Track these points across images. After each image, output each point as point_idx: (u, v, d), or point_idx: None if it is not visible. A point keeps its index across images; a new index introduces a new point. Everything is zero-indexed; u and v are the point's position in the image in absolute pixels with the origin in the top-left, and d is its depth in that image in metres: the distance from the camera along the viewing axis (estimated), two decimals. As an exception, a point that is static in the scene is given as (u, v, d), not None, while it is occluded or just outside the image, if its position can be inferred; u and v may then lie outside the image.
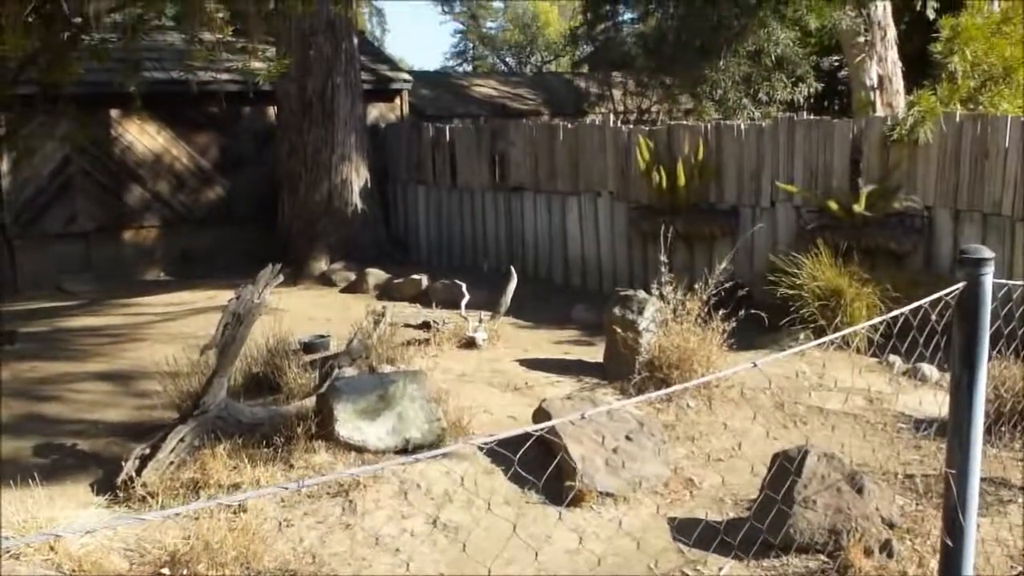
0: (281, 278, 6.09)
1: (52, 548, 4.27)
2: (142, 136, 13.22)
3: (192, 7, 7.04)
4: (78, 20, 8.27)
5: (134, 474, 5.32)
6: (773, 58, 14.36)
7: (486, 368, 7.61)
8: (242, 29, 8.44)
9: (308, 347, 7.76)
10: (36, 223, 12.66)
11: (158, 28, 10.76)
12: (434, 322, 8.56)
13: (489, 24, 34.34)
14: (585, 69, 20.08)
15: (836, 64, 16.84)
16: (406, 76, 15.30)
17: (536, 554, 4.69)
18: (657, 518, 5.24)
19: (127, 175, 13.25)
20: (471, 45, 34.34)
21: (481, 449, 5.76)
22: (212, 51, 7.82)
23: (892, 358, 7.32)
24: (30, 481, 4.84)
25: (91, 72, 9.53)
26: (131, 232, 13.43)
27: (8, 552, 4.19)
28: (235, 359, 5.95)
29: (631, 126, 11.43)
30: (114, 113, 12.85)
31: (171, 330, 9.37)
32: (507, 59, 33.76)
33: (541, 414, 5.93)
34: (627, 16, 18.64)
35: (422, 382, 5.99)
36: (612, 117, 13.33)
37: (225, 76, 12.97)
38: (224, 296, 10.62)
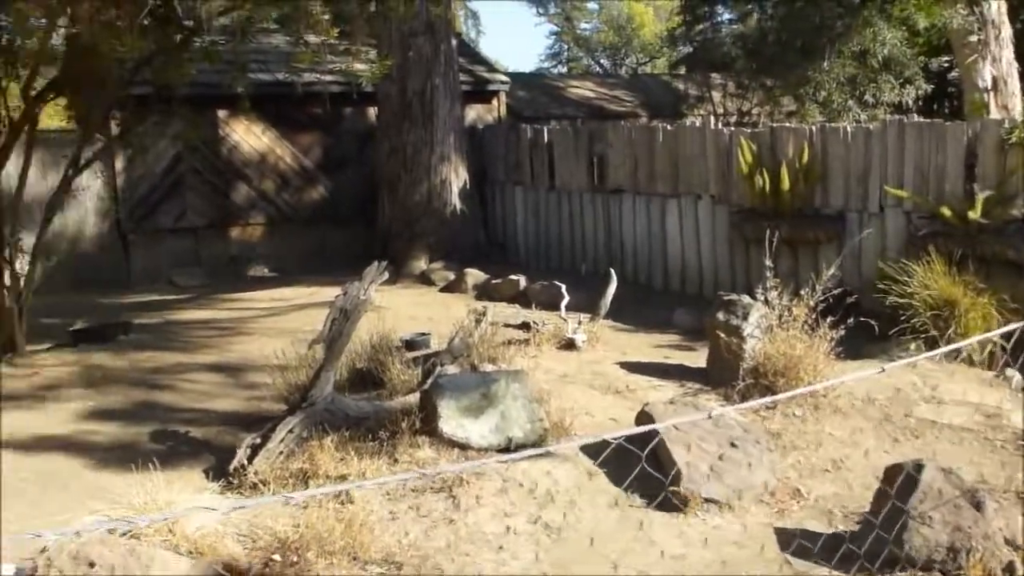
0: (386, 275, 6.20)
1: (171, 530, 4.42)
2: (248, 136, 13.59)
3: (299, 10, 7.19)
4: (190, 23, 8.55)
5: (245, 462, 5.47)
6: (880, 59, 13.98)
7: (586, 370, 7.59)
8: (346, 31, 8.59)
9: (410, 344, 7.86)
10: (149, 219, 13.14)
11: (264, 31, 11.03)
12: (533, 323, 8.58)
13: (584, 26, 34.32)
14: (683, 71, 19.87)
15: (946, 65, 16.31)
16: (503, 77, 15.38)
17: (641, 558, 4.66)
18: (763, 527, 5.15)
19: (234, 174, 13.64)
20: (566, 47, 34.36)
21: (584, 450, 5.77)
22: (317, 53, 7.98)
23: (1010, 372, 7.03)
24: (149, 465, 5.01)
25: (201, 73, 9.83)
26: (237, 229, 13.82)
27: (128, 532, 4.35)
28: (341, 354, 6.07)
29: (732, 128, 11.27)
30: (222, 113, 13.25)
31: (276, 325, 9.60)
32: (602, 60, 33.67)
33: (644, 417, 5.89)
34: (726, 16, 18.41)
35: (525, 382, 6.01)
36: (712, 119, 13.16)
37: (328, 77, 13.23)
38: (325, 293, 10.86)
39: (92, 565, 4.00)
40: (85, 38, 6.58)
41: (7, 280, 8.38)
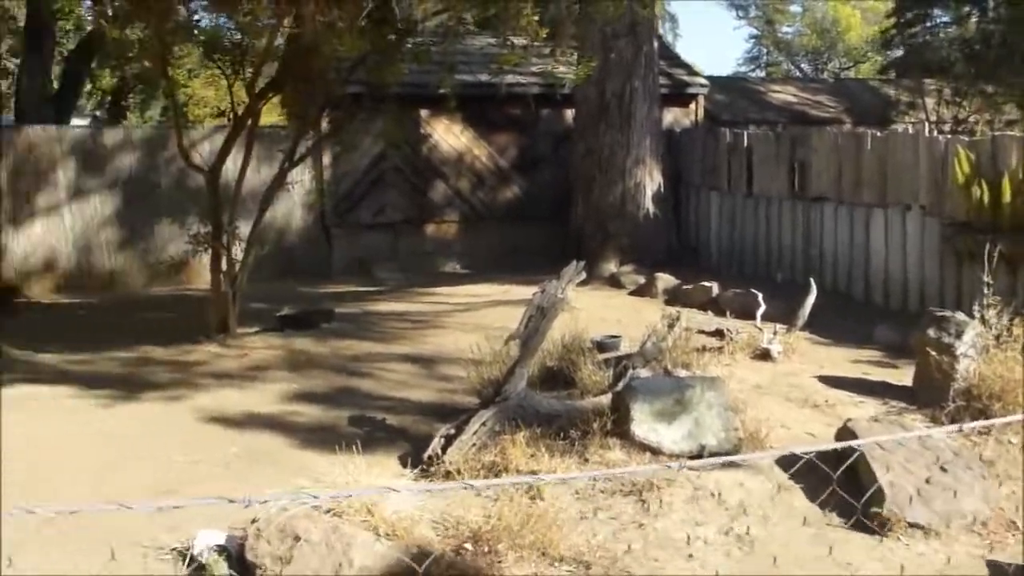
0: (584, 275, 6.20)
1: (370, 511, 4.57)
2: (447, 135, 13.95)
3: (509, 11, 7.30)
4: (403, 24, 8.84)
5: (439, 451, 5.59)
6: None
7: (782, 382, 7.34)
8: (551, 33, 8.65)
9: (600, 346, 7.82)
10: (351, 213, 13.71)
11: (468, 32, 11.27)
12: (727, 330, 8.38)
13: (785, 29, 33.33)
14: (893, 75, 18.92)
15: None
16: (703, 81, 15.11)
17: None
18: (973, 559, 4.82)
19: (432, 172, 14.04)
20: (765, 50, 33.49)
21: (779, 463, 5.57)
22: (523, 54, 8.08)
23: None
24: (352, 448, 5.20)
25: (407, 73, 10.15)
26: (433, 226, 14.22)
27: (331, 510, 4.53)
28: (536, 351, 6.11)
29: (948, 136, 10.61)
30: (423, 113, 13.65)
31: (470, 320, 9.79)
32: (802, 65, 32.61)
33: (845, 433, 5.62)
34: (942, 19, 17.39)
35: (721, 389, 5.87)
36: (926, 126, 12.45)
37: (527, 79, 13.44)
38: (517, 291, 11.01)
39: (298, 539, 4.19)
40: (308, 38, 6.94)
41: (224, 266, 8.93)
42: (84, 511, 2.09)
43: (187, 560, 4.35)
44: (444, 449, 5.62)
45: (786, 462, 5.60)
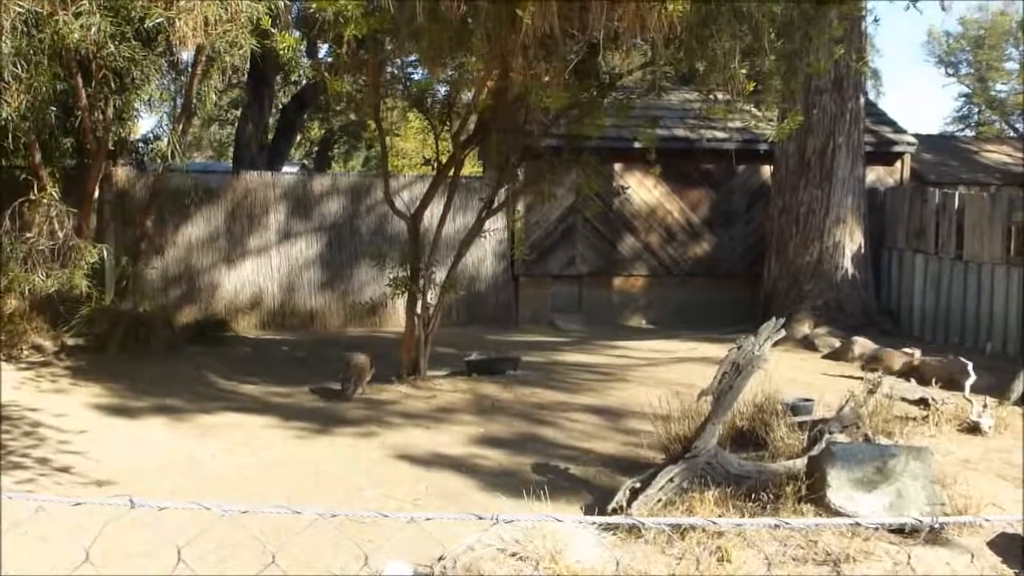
0: (783, 333, 5.99)
1: (554, 559, 4.52)
2: (640, 189, 13.94)
3: (714, 65, 7.24)
4: (606, 77, 8.94)
5: (624, 504, 5.49)
6: None
7: (994, 458, 6.82)
8: (755, 88, 8.51)
9: (793, 409, 7.52)
10: (540, 263, 13.88)
11: (664, 88, 11.26)
12: (932, 399, 7.87)
13: (999, 87, 31.57)
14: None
15: None
16: (910, 139, 14.47)
17: None
18: None
19: (623, 225, 14.05)
20: (976, 109, 31.81)
21: (991, 546, 5.16)
22: (729, 109, 7.97)
23: None
24: (537, 495, 5.19)
25: (607, 126, 10.22)
26: (620, 279, 14.19)
27: (516, 554, 4.52)
28: (730, 408, 5.94)
29: None
30: (617, 166, 13.70)
31: (654, 375, 9.66)
32: (1017, 125, 30.73)
33: (1070, 521, 5.13)
34: None
35: (927, 460, 5.51)
36: None
37: (724, 134, 13.29)
38: (704, 349, 10.80)
39: (482, 579, 4.20)
40: (514, 91, 7.12)
41: (419, 309, 9.20)
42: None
43: (375, 589, 4.45)
44: (629, 503, 5.51)
45: (1000, 546, 5.18)
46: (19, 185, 9.94)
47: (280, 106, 19.56)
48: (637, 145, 11.11)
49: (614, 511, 5.53)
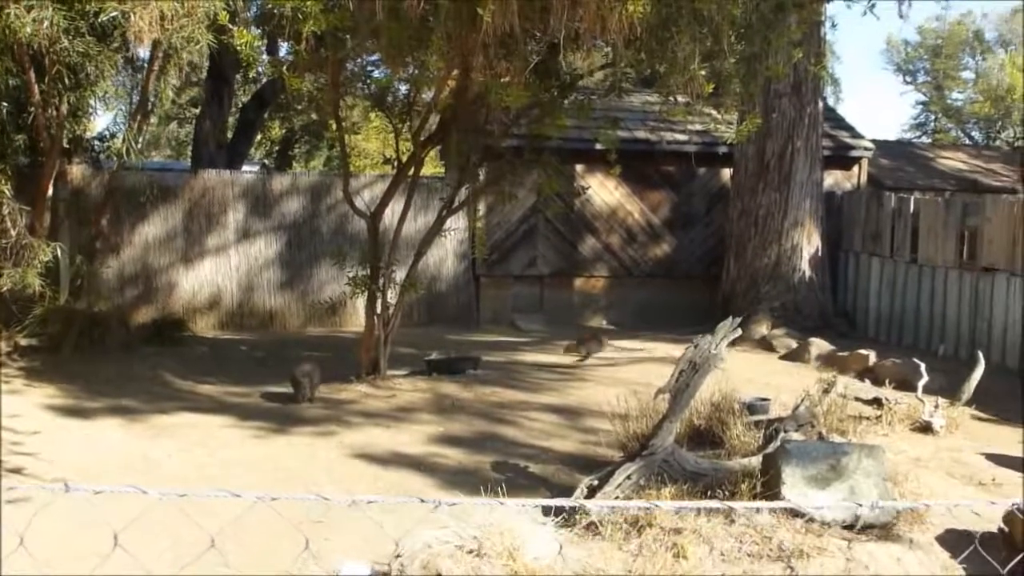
0: (739, 332, 6.04)
1: (511, 555, 4.53)
2: (601, 190, 14.00)
3: (674, 67, 7.28)
4: (567, 77, 8.96)
5: (583, 501, 5.51)
6: None
7: (944, 456, 6.93)
8: (715, 90, 8.58)
9: (750, 408, 7.60)
10: (501, 263, 13.89)
11: (626, 90, 11.33)
12: (885, 399, 7.99)
13: (955, 95, 32.14)
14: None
15: None
16: (867, 144, 14.68)
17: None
18: None
19: (584, 226, 14.11)
20: (933, 117, 32.34)
21: (940, 542, 5.25)
22: (690, 110, 8.03)
23: None
24: (495, 492, 5.19)
25: (568, 127, 10.24)
26: (581, 280, 14.25)
27: (473, 551, 4.52)
28: (687, 406, 5.98)
29: None
30: (578, 167, 13.75)
31: (613, 375, 9.71)
32: (973, 132, 31.30)
33: (1016, 518, 5.23)
34: None
35: (879, 458, 5.58)
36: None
37: (684, 136, 13.39)
38: (663, 349, 10.87)
39: (439, 576, 4.19)
40: (474, 90, 7.12)
41: (379, 309, 9.16)
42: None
43: (331, 588, 4.43)
44: (587, 500, 5.53)
45: (948, 542, 5.27)
46: (-30, 183, 9.76)
47: (240, 105, 19.40)
48: (598, 146, 11.13)
49: (572, 509, 5.54)
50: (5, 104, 9.50)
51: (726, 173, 13.93)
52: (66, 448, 6.91)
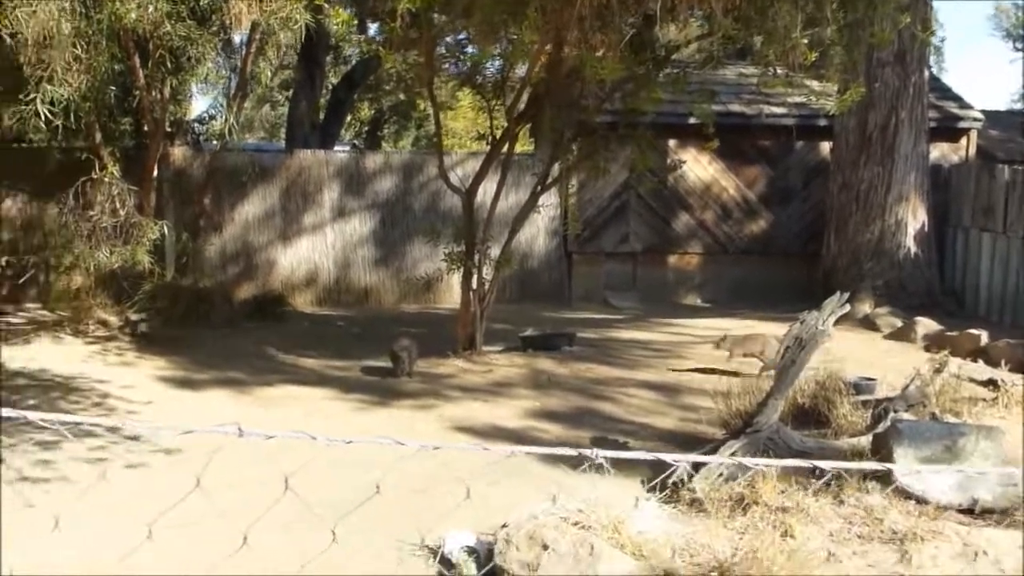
0: (847, 308, 5.88)
1: (616, 529, 4.50)
2: (695, 166, 13.77)
3: (774, 36, 7.08)
4: (662, 50, 8.81)
5: (685, 479, 5.44)
6: None
7: (1068, 440, 6.63)
8: (818, 61, 8.32)
9: (855, 388, 7.40)
10: (593, 240, 13.79)
11: (720, 63, 11.08)
12: (1001, 381, 7.68)
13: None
14: None
15: None
16: (976, 114, 14.08)
17: None
18: None
19: (677, 202, 13.91)
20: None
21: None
22: (790, 80, 7.81)
23: None
24: (600, 468, 5.14)
25: (663, 101, 10.07)
26: (675, 257, 14.06)
27: (579, 523, 4.50)
28: (792, 383, 5.85)
29: None
30: (671, 142, 13.54)
31: (711, 353, 9.54)
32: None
33: None
34: None
35: (998, 440, 5.38)
36: None
37: (781, 109, 13.08)
38: (761, 327, 10.65)
39: (546, 547, 4.19)
40: (571, 64, 7.04)
41: (474, 285, 9.19)
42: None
43: (438, 557, 4.46)
44: (690, 477, 5.46)
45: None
46: (81, 165, 10.10)
47: (330, 86, 19.64)
48: (692, 121, 10.94)
49: (675, 485, 5.48)
50: (112, 89, 9.77)
51: (824, 147, 13.56)
52: (178, 417, 7.12)
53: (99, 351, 9.36)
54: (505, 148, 9.25)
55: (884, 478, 5.32)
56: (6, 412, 1.88)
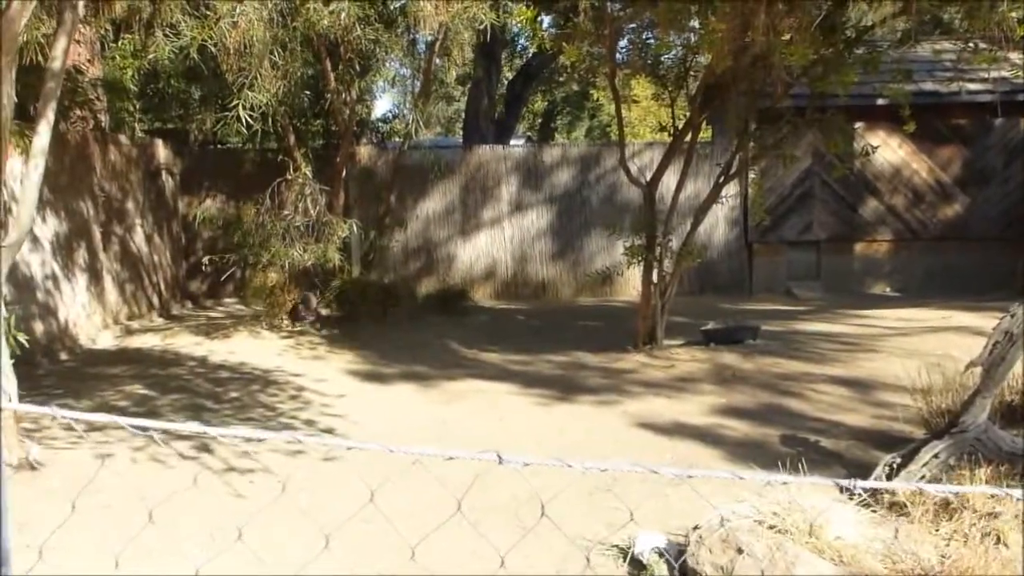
0: (1063, 300, 5.47)
1: (813, 534, 4.37)
2: (883, 149, 13.13)
3: (980, 9, 6.66)
4: (853, 30, 8.45)
5: (884, 480, 5.23)
6: None
7: None
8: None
9: (1070, 382, 6.89)
10: (774, 230, 13.42)
11: (920, 38, 10.47)
12: None
13: None
14: None
15: None
16: None
17: None
18: None
19: (864, 187, 13.34)
20: None
21: None
22: (992, 57, 7.33)
23: None
24: (789, 467, 5.03)
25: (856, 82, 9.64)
26: (862, 244, 13.51)
27: (775, 527, 4.40)
28: (1002, 380, 5.50)
29: None
30: (858, 125, 12.97)
31: (904, 345, 9.13)
32: None
33: None
34: None
35: None
36: None
37: (976, 86, 12.31)
38: (960, 317, 10.10)
39: (740, 551, 4.12)
40: (757, 50, 6.87)
41: (655, 278, 9.12)
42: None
43: (627, 557, 4.47)
44: (889, 479, 5.25)
45: None
46: (275, 165, 10.67)
47: (505, 80, 19.90)
48: (880, 102, 10.45)
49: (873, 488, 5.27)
50: (306, 93, 10.27)
51: (1026, 124, 12.70)
52: (369, 411, 7.40)
53: (292, 345, 9.86)
54: (687, 138, 9.12)
55: (1109, 484, 4.95)
56: (221, 431, 2.00)
